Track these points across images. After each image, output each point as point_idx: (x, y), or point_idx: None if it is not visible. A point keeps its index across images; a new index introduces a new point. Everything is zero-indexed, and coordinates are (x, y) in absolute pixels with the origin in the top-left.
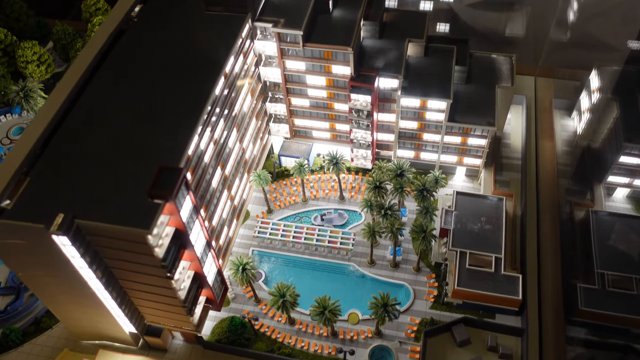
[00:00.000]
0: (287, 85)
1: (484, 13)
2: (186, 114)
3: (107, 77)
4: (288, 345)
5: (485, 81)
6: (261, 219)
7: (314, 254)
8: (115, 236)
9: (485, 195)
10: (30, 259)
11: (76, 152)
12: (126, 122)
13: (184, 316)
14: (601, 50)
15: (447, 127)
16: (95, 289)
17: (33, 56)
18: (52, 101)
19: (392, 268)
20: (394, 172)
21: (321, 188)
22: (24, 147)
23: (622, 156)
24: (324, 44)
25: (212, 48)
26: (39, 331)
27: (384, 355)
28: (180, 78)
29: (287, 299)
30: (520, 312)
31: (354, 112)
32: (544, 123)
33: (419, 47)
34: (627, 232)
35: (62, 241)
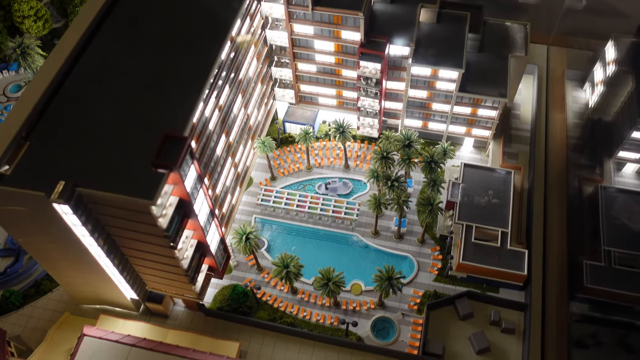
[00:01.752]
0: (294, 50)
1: None
2: (191, 79)
3: (108, 38)
4: (290, 314)
5: (499, 50)
6: (264, 187)
7: (318, 223)
8: (118, 205)
9: (493, 168)
10: (31, 226)
11: (77, 117)
12: (129, 87)
13: (186, 284)
14: (618, 18)
15: (457, 97)
16: (97, 257)
17: (30, 11)
18: (52, 61)
19: (396, 239)
20: (401, 142)
21: (326, 156)
22: (23, 110)
23: (636, 131)
24: (333, 8)
25: (219, 10)
26: (39, 294)
27: (386, 327)
28: (185, 41)
29: (290, 269)
30: (525, 287)
31: (362, 79)
32: (555, 94)
33: (431, 12)
34: (636, 209)
35: (63, 209)
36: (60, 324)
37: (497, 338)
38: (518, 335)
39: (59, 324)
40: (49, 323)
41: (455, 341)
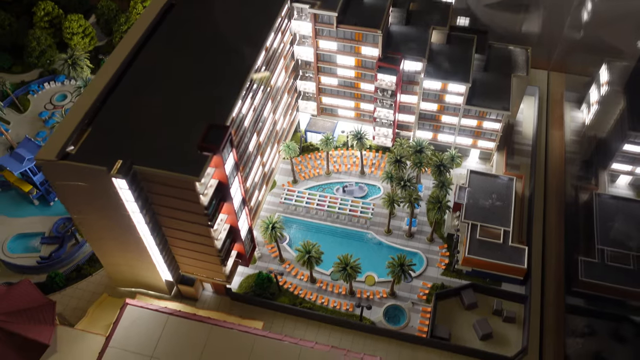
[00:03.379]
0: (319, 64)
1: (501, 14)
2: (231, 80)
3: (158, 45)
4: (309, 300)
5: (502, 70)
6: (287, 187)
7: (335, 221)
8: (167, 183)
9: (497, 175)
10: (87, 202)
11: (132, 108)
12: (177, 84)
13: (217, 266)
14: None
15: (464, 109)
16: (142, 234)
17: (79, 28)
18: (111, 62)
19: (407, 237)
20: (413, 148)
21: (343, 163)
22: (86, 101)
23: (627, 144)
24: (355, 26)
25: (255, 24)
26: (80, 277)
27: (397, 314)
28: (225, 49)
29: (312, 254)
30: (525, 281)
31: (379, 91)
32: (554, 113)
33: (441, 34)
34: (627, 213)
35: (120, 184)
36: (100, 303)
37: (499, 326)
38: (518, 324)
39: (98, 303)
40: (88, 303)
41: (460, 328)
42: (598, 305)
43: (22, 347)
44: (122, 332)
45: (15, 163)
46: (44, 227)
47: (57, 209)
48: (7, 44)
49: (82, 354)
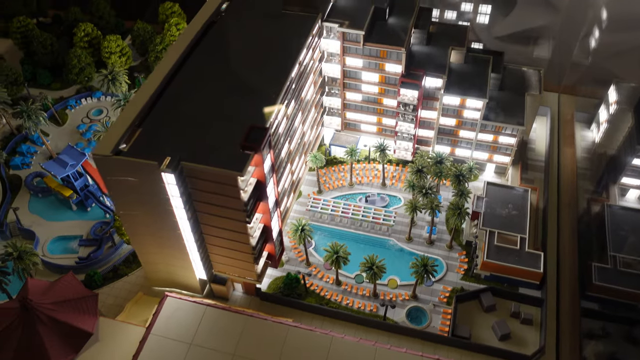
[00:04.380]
0: (345, 80)
1: (511, 45)
2: (269, 88)
3: (201, 57)
4: (335, 301)
5: (516, 89)
6: (313, 196)
7: (359, 228)
8: (211, 178)
9: (512, 187)
10: (135, 198)
11: (178, 112)
12: (219, 91)
13: (250, 265)
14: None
15: (481, 124)
16: (182, 230)
17: (116, 48)
18: (158, 71)
19: (427, 244)
20: (434, 159)
21: (365, 175)
22: (137, 104)
23: (636, 159)
24: (381, 44)
25: (289, 40)
26: (116, 277)
27: (419, 316)
28: (262, 61)
29: (340, 254)
30: (541, 286)
31: (401, 105)
32: (565, 132)
33: (460, 54)
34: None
35: (168, 179)
36: (136, 300)
37: (517, 328)
38: (535, 327)
39: (135, 301)
40: (124, 301)
41: (479, 329)
42: (611, 308)
43: (68, 334)
44: (162, 321)
45: (59, 168)
46: (81, 230)
47: (93, 214)
48: (48, 63)
49: (122, 343)
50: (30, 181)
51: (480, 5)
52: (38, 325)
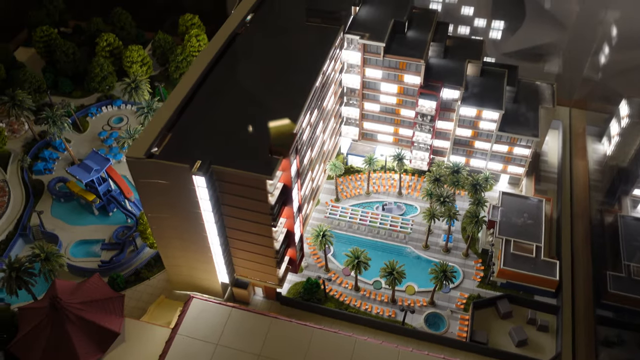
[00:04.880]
0: (364, 91)
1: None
2: (295, 95)
3: (227, 66)
4: (354, 307)
5: (530, 102)
6: (332, 204)
7: (376, 236)
8: (240, 182)
9: (527, 197)
10: (164, 200)
11: (206, 118)
12: (246, 99)
13: (272, 269)
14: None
15: (497, 135)
16: (208, 233)
17: (138, 57)
18: (186, 79)
19: (444, 252)
20: (451, 169)
21: (382, 184)
22: (167, 111)
23: None
24: (400, 56)
25: (313, 50)
26: (138, 280)
27: (437, 321)
28: (287, 70)
29: (361, 259)
30: (557, 293)
31: (419, 116)
32: (577, 145)
33: (475, 67)
34: None
35: (199, 182)
36: (158, 303)
37: (533, 334)
38: (551, 333)
39: (157, 303)
40: (146, 304)
41: (496, 335)
42: (626, 316)
43: (96, 334)
44: (189, 322)
45: (83, 173)
46: (103, 234)
47: (115, 218)
48: (70, 71)
49: (148, 343)
50: (53, 186)
51: (493, 21)
52: (67, 324)
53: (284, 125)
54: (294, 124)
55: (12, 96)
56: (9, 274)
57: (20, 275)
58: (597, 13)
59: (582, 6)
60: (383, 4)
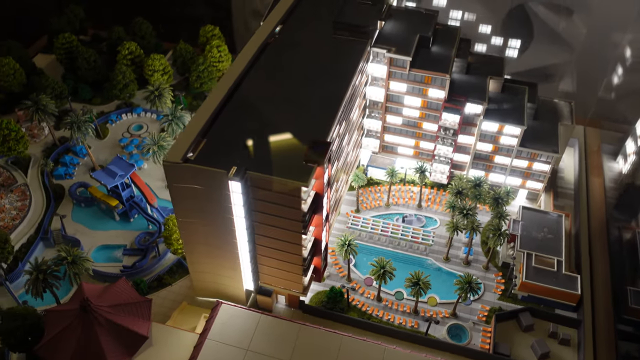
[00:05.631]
0: (387, 104)
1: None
2: (325, 106)
3: (258, 75)
4: (376, 317)
5: (549, 119)
6: (353, 215)
7: (397, 247)
8: (274, 188)
9: (547, 211)
10: (197, 205)
11: (240, 124)
12: (278, 107)
13: (297, 277)
14: None
15: (517, 151)
16: (238, 239)
17: (160, 66)
18: (220, 87)
19: (464, 265)
20: (472, 182)
21: (401, 196)
22: (201, 117)
23: None
24: (426, 70)
25: (342, 62)
26: (161, 286)
27: (459, 333)
28: (317, 81)
29: (386, 269)
30: (577, 308)
31: (442, 130)
32: (593, 163)
33: (497, 84)
34: None
35: (234, 188)
36: (181, 310)
37: (555, 348)
38: (573, 347)
39: (180, 310)
40: (168, 310)
41: (518, 348)
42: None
43: (124, 337)
44: (218, 327)
45: (108, 178)
46: (124, 240)
47: (136, 224)
48: (90, 78)
49: (175, 347)
50: (74, 191)
51: (510, 39)
52: (96, 327)
53: (317, 133)
54: (327, 133)
55: (36, 101)
56: (35, 276)
57: (47, 278)
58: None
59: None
60: (407, 20)
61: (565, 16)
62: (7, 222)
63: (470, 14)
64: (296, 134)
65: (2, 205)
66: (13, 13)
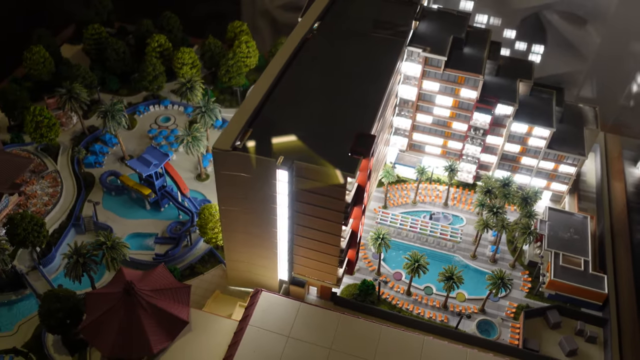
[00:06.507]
0: (418, 103)
1: None
2: (367, 100)
3: (299, 69)
4: (406, 310)
5: (575, 123)
6: (382, 210)
7: (424, 244)
8: (319, 179)
9: (572, 213)
10: (241, 193)
11: (284, 116)
12: (321, 101)
13: (332, 268)
14: None
15: (545, 152)
16: (279, 228)
17: (189, 60)
18: (262, 80)
19: (491, 263)
20: (501, 182)
21: (428, 194)
22: (247, 108)
23: None
24: (460, 70)
25: (381, 59)
26: (193, 275)
27: (487, 329)
28: (356, 76)
29: (420, 263)
30: (603, 307)
31: (472, 129)
32: (614, 168)
33: (526, 86)
34: None
35: (281, 177)
36: (214, 297)
37: (582, 345)
38: (599, 345)
39: (214, 298)
40: (201, 298)
41: (546, 344)
42: None
43: (166, 321)
44: (259, 314)
45: (143, 167)
46: (155, 228)
47: (166, 214)
48: (118, 70)
49: (215, 333)
50: (105, 179)
51: (534, 45)
52: (139, 310)
53: (359, 127)
54: (370, 126)
55: (69, 89)
56: (76, 260)
57: (86, 262)
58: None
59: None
60: (440, 21)
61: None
62: (39, 207)
63: (496, 18)
64: (339, 126)
65: (34, 191)
66: (42, 3)
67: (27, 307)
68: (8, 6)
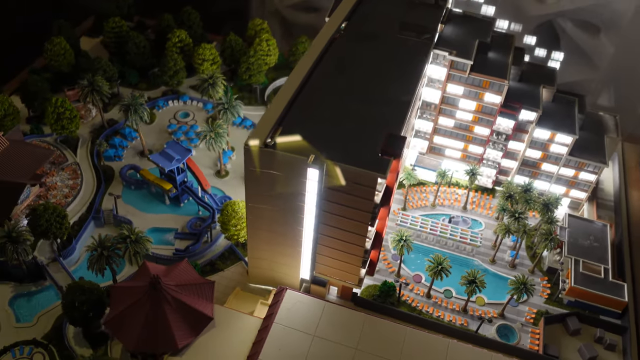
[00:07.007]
0: (442, 106)
1: None
2: (395, 102)
3: (327, 69)
4: (426, 313)
5: (596, 130)
6: (402, 212)
7: (444, 247)
8: (350, 178)
9: (592, 220)
10: (269, 191)
11: (314, 115)
12: (350, 100)
13: (355, 268)
14: None
15: (566, 159)
16: (305, 227)
17: (210, 56)
18: (292, 78)
19: (510, 268)
20: (522, 187)
21: (447, 198)
22: (277, 107)
23: None
24: (485, 75)
25: (408, 61)
26: (213, 271)
27: (507, 334)
28: (384, 78)
29: (443, 265)
30: (622, 315)
31: (495, 134)
32: (631, 177)
33: (549, 93)
34: None
35: (312, 175)
36: (235, 295)
37: (601, 353)
38: (618, 353)
39: (234, 295)
40: (221, 295)
41: (565, 350)
42: None
43: (191, 316)
44: (284, 312)
45: (165, 161)
46: (175, 224)
47: (186, 209)
48: (138, 64)
49: (239, 330)
50: (125, 173)
51: (553, 52)
52: (164, 304)
53: (388, 128)
54: (399, 128)
55: (92, 81)
56: (100, 252)
57: (110, 255)
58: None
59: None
60: (465, 25)
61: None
62: (59, 199)
63: (516, 24)
64: (368, 127)
65: (54, 182)
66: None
67: (46, 298)
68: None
